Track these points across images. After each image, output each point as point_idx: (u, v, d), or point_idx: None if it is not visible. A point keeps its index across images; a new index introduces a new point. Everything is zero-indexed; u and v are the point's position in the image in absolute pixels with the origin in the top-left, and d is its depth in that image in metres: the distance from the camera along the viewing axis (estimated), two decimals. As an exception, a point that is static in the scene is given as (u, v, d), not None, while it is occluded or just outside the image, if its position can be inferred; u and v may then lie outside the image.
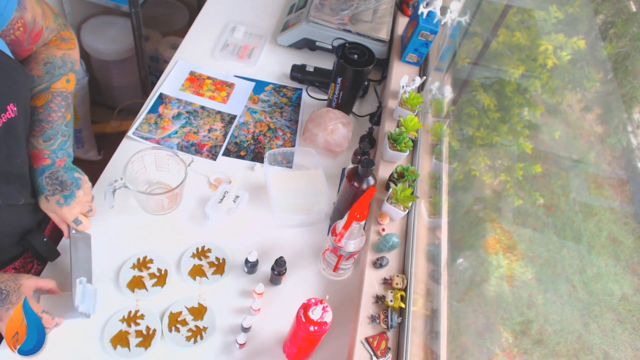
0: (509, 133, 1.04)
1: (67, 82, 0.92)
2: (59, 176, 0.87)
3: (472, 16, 1.26)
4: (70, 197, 0.87)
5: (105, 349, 0.88)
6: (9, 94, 0.75)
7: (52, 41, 0.92)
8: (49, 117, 0.88)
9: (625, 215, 0.75)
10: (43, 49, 0.90)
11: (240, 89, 1.39)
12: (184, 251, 1.03)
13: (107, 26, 2.07)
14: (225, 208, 1.07)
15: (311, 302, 0.80)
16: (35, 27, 0.84)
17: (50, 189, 0.86)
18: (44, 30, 0.88)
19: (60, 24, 0.93)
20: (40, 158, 0.87)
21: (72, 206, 0.87)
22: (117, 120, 2.30)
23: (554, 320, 0.77)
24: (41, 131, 0.87)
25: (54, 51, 0.91)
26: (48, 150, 0.87)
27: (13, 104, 0.75)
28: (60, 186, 0.87)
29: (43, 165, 0.87)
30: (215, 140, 1.24)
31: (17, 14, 0.79)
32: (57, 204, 0.86)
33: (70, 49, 0.94)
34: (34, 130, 0.86)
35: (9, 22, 0.78)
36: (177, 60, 1.41)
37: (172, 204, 1.07)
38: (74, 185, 0.88)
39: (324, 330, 0.80)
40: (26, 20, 0.81)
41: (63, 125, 0.90)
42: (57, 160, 0.88)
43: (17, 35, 0.81)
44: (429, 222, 1.09)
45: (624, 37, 0.83)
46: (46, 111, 0.88)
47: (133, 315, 0.92)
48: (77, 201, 0.88)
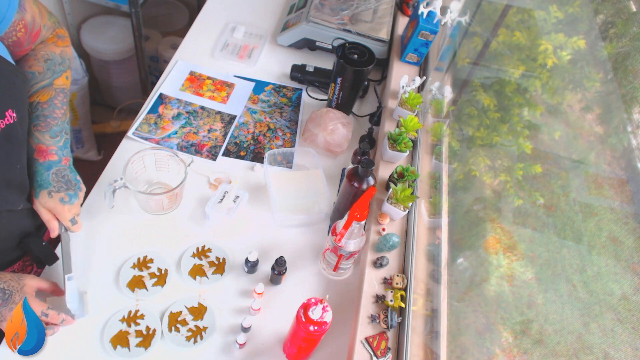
0: (509, 133, 1.04)
1: (66, 79, 0.93)
2: (65, 175, 0.88)
3: (472, 16, 1.26)
4: (75, 197, 0.89)
5: (105, 348, 0.88)
6: (9, 99, 0.75)
7: (49, 39, 0.93)
8: (54, 113, 0.88)
9: (626, 215, 0.75)
10: (41, 46, 0.90)
11: (240, 89, 1.39)
12: (184, 251, 1.03)
13: (107, 26, 2.07)
14: (225, 208, 1.07)
15: (311, 301, 0.80)
16: (35, 26, 0.85)
17: (56, 185, 0.86)
18: (42, 28, 0.88)
19: (54, 22, 0.94)
20: (47, 153, 0.87)
21: (74, 206, 0.89)
22: (117, 120, 2.30)
23: (554, 320, 0.77)
24: (47, 127, 0.87)
25: (52, 48, 0.91)
26: (55, 147, 0.88)
27: (12, 109, 0.76)
28: (66, 185, 0.88)
29: (50, 161, 0.87)
30: (215, 141, 1.24)
31: (18, 15, 0.79)
32: (61, 201, 0.87)
33: (67, 46, 0.96)
34: (39, 125, 0.87)
35: (11, 25, 0.78)
36: (177, 60, 1.41)
37: (172, 204, 1.07)
38: (77, 186, 0.90)
39: (323, 330, 0.80)
40: (27, 21, 0.82)
41: (65, 123, 0.91)
42: (63, 159, 0.89)
43: (18, 36, 0.82)
44: (429, 222, 1.09)
45: (624, 37, 0.83)
46: (50, 107, 0.88)
47: (133, 315, 0.92)
48: (78, 202, 0.90)
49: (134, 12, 1.79)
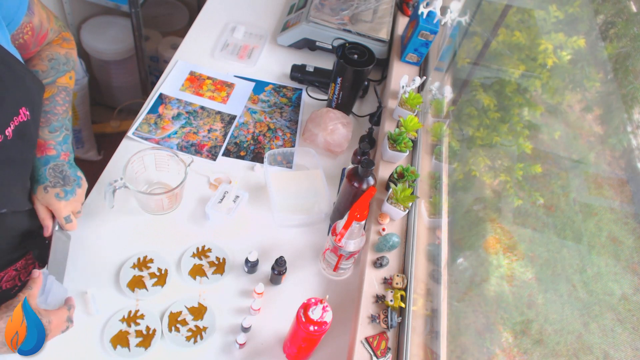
0: (508, 133, 1.04)
1: (70, 79, 0.93)
2: (63, 170, 0.87)
3: (472, 16, 1.26)
4: (71, 194, 0.87)
5: (105, 349, 0.88)
6: (23, 97, 0.75)
7: (55, 40, 0.93)
8: (55, 109, 0.88)
9: (625, 215, 0.75)
10: (46, 47, 0.91)
11: (240, 89, 1.39)
12: (184, 251, 1.03)
13: (107, 26, 2.07)
14: (226, 208, 1.07)
15: (311, 301, 0.80)
16: (42, 30, 0.86)
17: (52, 180, 0.85)
18: (49, 32, 0.89)
19: (60, 26, 0.95)
20: (45, 148, 0.86)
21: (69, 202, 0.86)
22: (117, 120, 2.30)
23: (554, 320, 0.77)
24: (47, 122, 0.87)
25: (57, 49, 0.92)
26: (53, 142, 0.87)
27: (26, 108, 0.76)
28: (63, 180, 0.86)
29: (48, 156, 0.86)
30: (215, 141, 1.24)
31: (27, 18, 0.80)
32: (56, 197, 0.85)
33: (72, 48, 0.96)
34: (40, 121, 0.86)
35: (19, 27, 0.79)
36: (177, 60, 1.41)
37: (172, 204, 1.07)
38: (76, 183, 0.88)
39: (324, 330, 0.80)
40: (34, 24, 0.83)
41: (67, 119, 0.90)
42: (62, 154, 0.88)
43: (25, 39, 0.82)
44: (429, 222, 1.09)
45: (624, 37, 0.83)
46: (52, 103, 0.88)
47: (133, 315, 0.92)
48: (75, 199, 0.88)
49: (134, 12, 1.79)
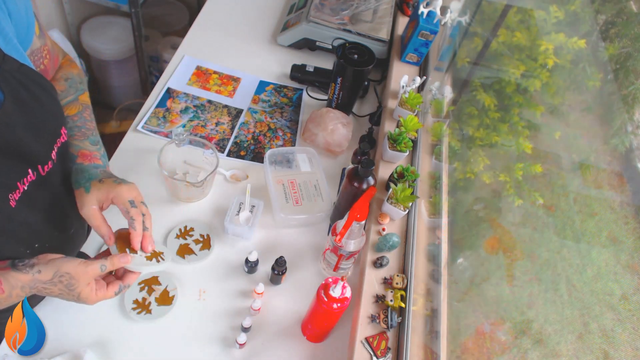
0: (508, 133, 1.04)
1: (88, 97, 0.91)
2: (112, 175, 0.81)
3: (472, 16, 1.26)
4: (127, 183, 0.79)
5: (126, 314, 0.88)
6: (61, 118, 0.75)
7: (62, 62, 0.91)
8: (86, 125, 0.86)
9: (625, 215, 0.75)
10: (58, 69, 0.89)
11: (247, 83, 1.40)
12: (167, 233, 1.05)
13: (107, 26, 2.07)
14: (244, 219, 1.07)
15: (329, 281, 0.84)
16: (54, 54, 0.85)
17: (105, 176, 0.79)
18: (59, 56, 0.88)
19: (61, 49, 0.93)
20: (92, 157, 0.83)
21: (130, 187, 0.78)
22: (117, 120, 2.30)
23: (554, 320, 0.77)
24: (84, 135, 0.84)
25: (69, 69, 0.90)
26: (98, 153, 0.84)
27: (65, 127, 0.76)
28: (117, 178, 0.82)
29: (96, 164, 0.82)
30: (222, 134, 1.26)
31: (42, 41, 0.78)
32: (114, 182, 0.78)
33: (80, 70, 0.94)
34: (75, 135, 0.83)
35: (38, 51, 0.77)
36: (184, 55, 1.43)
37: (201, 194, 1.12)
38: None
39: (345, 306, 0.84)
40: (49, 47, 0.82)
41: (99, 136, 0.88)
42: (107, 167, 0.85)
43: (45, 64, 0.80)
44: (429, 222, 1.09)
45: (625, 37, 0.83)
46: (81, 119, 0.86)
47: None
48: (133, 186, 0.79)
49: (134, 12, 1.80)
